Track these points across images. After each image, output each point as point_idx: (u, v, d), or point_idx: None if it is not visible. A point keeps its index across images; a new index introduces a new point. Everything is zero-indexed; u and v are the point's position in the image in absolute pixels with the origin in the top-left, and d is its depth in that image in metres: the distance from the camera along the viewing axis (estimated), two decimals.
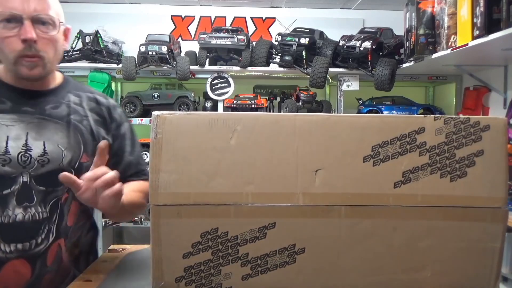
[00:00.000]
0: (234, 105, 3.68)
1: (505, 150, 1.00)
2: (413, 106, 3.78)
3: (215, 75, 3.77)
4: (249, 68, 3.69)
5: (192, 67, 3.64)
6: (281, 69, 3.76)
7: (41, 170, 1.24)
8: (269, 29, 4.30)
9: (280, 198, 0.98)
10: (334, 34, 3.85)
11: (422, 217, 1.00)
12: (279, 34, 3.69)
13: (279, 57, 3.69)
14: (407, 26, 3.22)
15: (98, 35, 3.62)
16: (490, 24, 2.23)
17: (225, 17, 4.29)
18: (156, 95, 3.79)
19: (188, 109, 3.77)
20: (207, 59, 3.75)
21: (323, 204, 0.99)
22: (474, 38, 2.36)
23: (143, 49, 3.52)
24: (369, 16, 4.25)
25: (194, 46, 3.89)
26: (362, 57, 3.52)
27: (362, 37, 3.54)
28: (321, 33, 3.86)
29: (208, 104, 3.88)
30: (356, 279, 1.01)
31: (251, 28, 4.30)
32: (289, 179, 0.98)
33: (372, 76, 3.50)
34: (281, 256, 0.99)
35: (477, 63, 3.10)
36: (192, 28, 4.30)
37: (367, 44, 3.48)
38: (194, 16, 4.30)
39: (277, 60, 3.71)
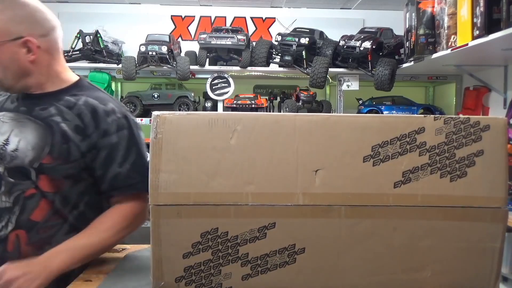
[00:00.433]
0: (234, 105, 3.68)
1: (505, 150, 1.00)
2: (413, 106, 3.78)
3: (215, 75, 3.77)
4: (249, 68, 3.69)
5: (192, 67, 3.64)
6: (281, 69, 3.76)
7: (11, 164, 1.34)
8: (269, 29, 4.30)
9: (280, 198, 0.98)
10: (334, 34, 3.85)
11: (422, 217, 1.00)
12: (279, 34, 3.69)
13: (279, 57, 3.69)
14: (407, 26, 3.21)
15: (98, 35, 3.62)
16: (490, 24, 2.23)
17: (225, 17, 4.29)
18: (156, 95, 3.79)
19: (188, 109, 3.77)
20: (207, 59, 3.75)
21: (323, 204, 0.99)
22: (474, 38, 2.36)
23: (143, 49, 3.52)
24: (369, 16, 4.25)
25: (194, 46, 3.89)
26: (362, 57, 3.52)
27: (362, 37, 3.54)
28: (321, 33, 3.86)
29: (208, 104, 3.88)
30: (356, 279, 1.01)
31: (251, 28, 4.30)
32: (289, 179, 0.98)
33: (372, 76, 3.50)
34: (281, 256, 0.99)
35: (477, 63, 3.10)
36: (192, 28, 4.30)
37: (367, 44, 3.48)
38: (194, 16, 4.30)
39: (277, 60, 3.71)
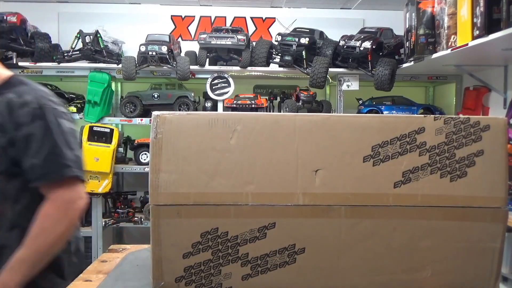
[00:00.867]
0: (234, 105, 3.68)
1: (505, 150, 1.00)
2: (413, 106, 3.78)
3: (215, 75, 3.77)
4: (249, 68, 3.69)
5: (192, 67, 3.64)
6: (281, 69, 3.76)
7: None
8: (269, 29, 4.30)
9: (280, 198, 0.98)
10: (334, 34, 3.85)
11: (422, 217, 1.00)
12: (279, 34, 3.69)
13: (279, 57, 3.69)
14: (407, 26, 3.22)
15: (98, 35, 3.62)
16: (490, 24, 2.23)
17: (225, 17, 4.30)
18: (156, 95, 3.79)
19: (188, 109, 3.76)
20: (207, 59, 3.76)
21: (323, 204, 0.99)
22: (474, 38, 2.36)
23: (143, 49, 3.52)
24: (369, 16, 4.25)
25: (194, 46, 3.89)
26: (362, 57, 3.52)
27: (362, 37, 3.54)
28: (321, 33, 3.86)
29: (208, 104, 3.88)
30: (356, 279, 1.01)
31: (251, 28, 4.30)
32: (289, 179, 0.98)
33: (372, 76, 3.50)
34: (281, 256, 0.99)
35: (477, 63, 3.10)
36: (192, 28, 4.30)
37: (367, 44, 3.48)
38: (194, 16, 4.30)
39: (277, 60, 3.71)
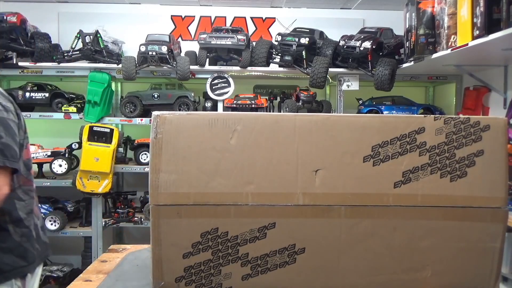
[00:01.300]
0: (234, 105, 3.68)
1: (505, 150, 1.00)
2: (413, 106, 3.78)
3: (215, 75, 3.78)
4: (249, 68, 3.70)
5: (192, 67, 3.64)
6: (281, 69, 3.76)
7: None
8: (269, 29, 4.30)
9: (280, 198, 0.98)
10: (334, 34, 3.85)
11: (422, 217, 1.00)
12: (279, 34, 3.69)
13: (279, 57, 3.69)
14: (407, 26, 3.22)
15: (98, 35, 3.62)
16: (490, 24, 2.23)
17: (225, 17, 4.30)
18: (156, 95, 3.79)
19: (188, 109, 3.76)
20: (207, 59, 3.76)
21: (323, 204, 0.99)
22: (474, 38, 2.36)
23: (143, 49, 3.53)
24: (369, 16, 4.25)
25: (194, 46, 3.90)
26: (362, 57, 3.52)
27: (362, 37, 3.55)
28: (321, 33, 3.86)
29: (208, 104, 3.88)
30: (356, 279, 1.01)
31: (251, 28, 4.30)
32: (289, 179, 0.98)
33: (372, 76, 3.50)
34: (281, 256, 0.99)
35: (477, 63, 3.10)
36: (192, 28, 4.30)
37: (367, 44, 3.48)
38: (194, 16, 4.30)
39: (277, 60, 3.72)
